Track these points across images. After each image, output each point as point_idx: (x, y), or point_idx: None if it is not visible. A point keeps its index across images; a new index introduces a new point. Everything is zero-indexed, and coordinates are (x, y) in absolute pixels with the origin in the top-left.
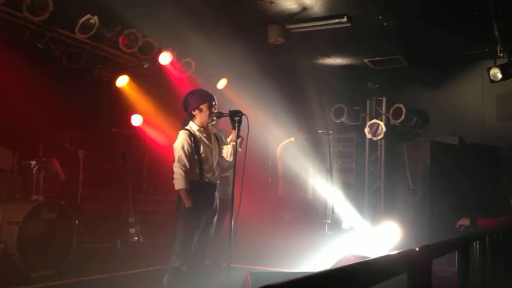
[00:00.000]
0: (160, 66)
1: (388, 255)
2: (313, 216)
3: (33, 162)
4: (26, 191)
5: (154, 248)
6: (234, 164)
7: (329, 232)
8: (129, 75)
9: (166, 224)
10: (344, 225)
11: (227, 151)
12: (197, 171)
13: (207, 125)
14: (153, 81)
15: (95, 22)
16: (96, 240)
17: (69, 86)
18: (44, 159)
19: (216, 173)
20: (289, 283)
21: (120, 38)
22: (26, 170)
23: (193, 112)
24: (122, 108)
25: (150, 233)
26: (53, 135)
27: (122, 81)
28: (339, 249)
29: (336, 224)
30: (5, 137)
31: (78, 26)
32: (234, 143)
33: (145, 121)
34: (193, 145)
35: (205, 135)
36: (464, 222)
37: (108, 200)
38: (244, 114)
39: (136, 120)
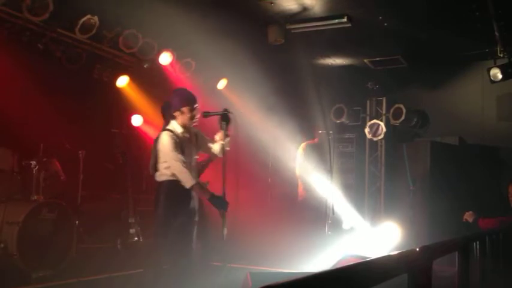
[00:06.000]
0: (160, 67)
1: (389, 256)
2: (313, 216)
3: (33, 163)
4: (26, 191)
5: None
6: (224, 164)
7: (329, 232)
8: (129, 76)
9: None
10: (344, 226)
11: (217, 148)
12: None
13: (190, 125)
14: (153, 81)
15: (95, 22)
16: (96, 241)
17: (69, 86)
18: (44, 159)
19: (194, 173)
20: (289, 283)
21: (120, 39)
22: (26, 170)
23: (174, 113)
24: (121, 108)
25: (150, 233)
26: (53, 136)
27: (122, 82)
28: (339, 249)
29: (336, 224)
30: (5, 137)
31: (78, 26)
32: (223, 143)
33: (145, 121)
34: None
35: (187, 136)
36: (469, 217)
37: (108, 200)
38: (231, 113)
39: (136, 120)
